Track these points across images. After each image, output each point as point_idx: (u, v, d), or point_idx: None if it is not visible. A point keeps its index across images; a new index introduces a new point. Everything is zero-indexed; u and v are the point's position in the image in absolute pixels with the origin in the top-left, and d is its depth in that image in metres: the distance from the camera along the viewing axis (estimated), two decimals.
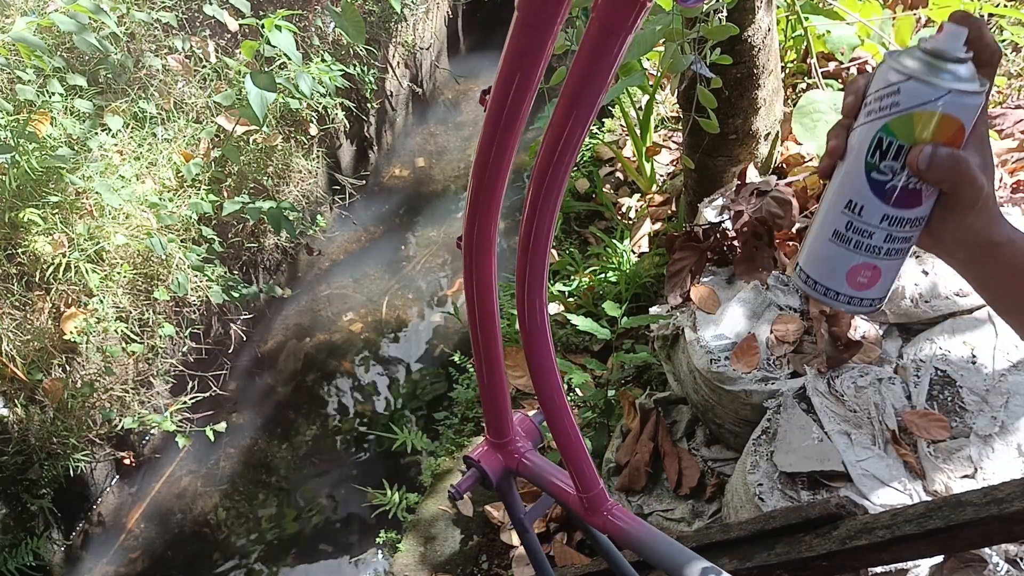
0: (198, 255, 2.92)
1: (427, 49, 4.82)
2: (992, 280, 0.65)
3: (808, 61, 2.76)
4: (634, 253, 2.92)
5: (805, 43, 2.68)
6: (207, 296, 2.98)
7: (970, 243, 0.61)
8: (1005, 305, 0.66)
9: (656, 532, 0.95)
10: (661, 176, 3.23)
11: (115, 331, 2.71)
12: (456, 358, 2.96)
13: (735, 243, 2.12)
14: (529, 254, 0.77)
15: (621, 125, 3.55)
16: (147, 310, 2.84)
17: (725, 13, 2.01)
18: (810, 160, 2.47)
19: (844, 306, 0.63)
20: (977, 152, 0.58)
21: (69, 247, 2.61)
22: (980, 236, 0.60)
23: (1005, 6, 2.88)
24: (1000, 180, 2.14)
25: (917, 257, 1.88)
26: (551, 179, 0.71)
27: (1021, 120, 2.40)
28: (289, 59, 2.85)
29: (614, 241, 2.93)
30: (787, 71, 2.93)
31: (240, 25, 3.21)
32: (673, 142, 3.36)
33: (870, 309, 0.64)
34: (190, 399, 2.98)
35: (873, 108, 0.57)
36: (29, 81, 2.64)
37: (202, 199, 2.98)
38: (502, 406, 1.02)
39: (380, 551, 2.62)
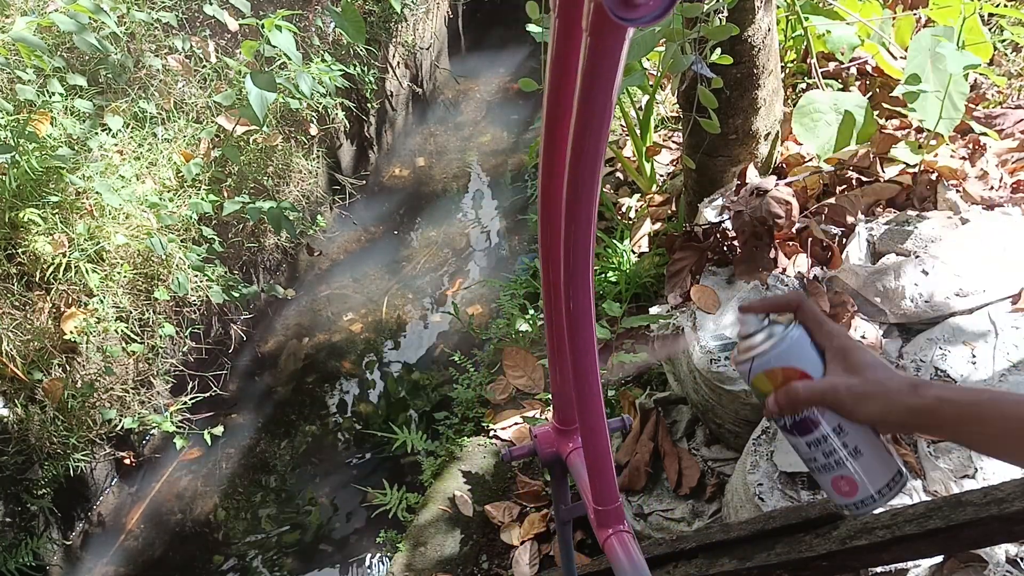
0: (198, 255, 2.92)
1: (427, 49, 4.82)
2: (954, 436, 0.68)
3: (808, 61, 2.76)
4: (634, 253, 2.92)
5: (805, 43, 2.69)
6: (207, 296, 2.98)
7: (899, 423, 0.68)
8: (987, 451, 0.68)
9: None
10: (661, 176, 3.23)
11: (115, 331, 2.71)
12: (456, 358, 2.96)
13: (735, 243, 2.12)
14: (573, 228, 0.75)
15: (621, 125, 3.55)
16: (147, 310, 2.84)
17: (725, 13, 2.01)
18: (810, 160, 2.47)
19: (856, 510, 0.74)
20: (839, 360, 0.70)
21: (69, 247, 2.61)
22: (898, 415, 0.67)
23: (1005, 6, 2.88)
24: (1000, 180, 2.14)
25: (917, 257, 1.88)
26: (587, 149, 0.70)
27: (1021, 120, 2.40)
28: (289, 59, 2.85)
29: (614, 241, 2.93)
30: (787, 71, 2.93)
31: (240, 25, 3.21)
32: (673, 142, 3.36)
33: (876, 504, 0.74)
34: (190, 399, 2.98)
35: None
36: (29, 81, 2.64)
37: (202, 199, 2.98)
38: (570, 395, 1.03)
39: (380, 551, 2.62)
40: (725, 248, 2.14)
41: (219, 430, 2.90)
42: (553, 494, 1.18)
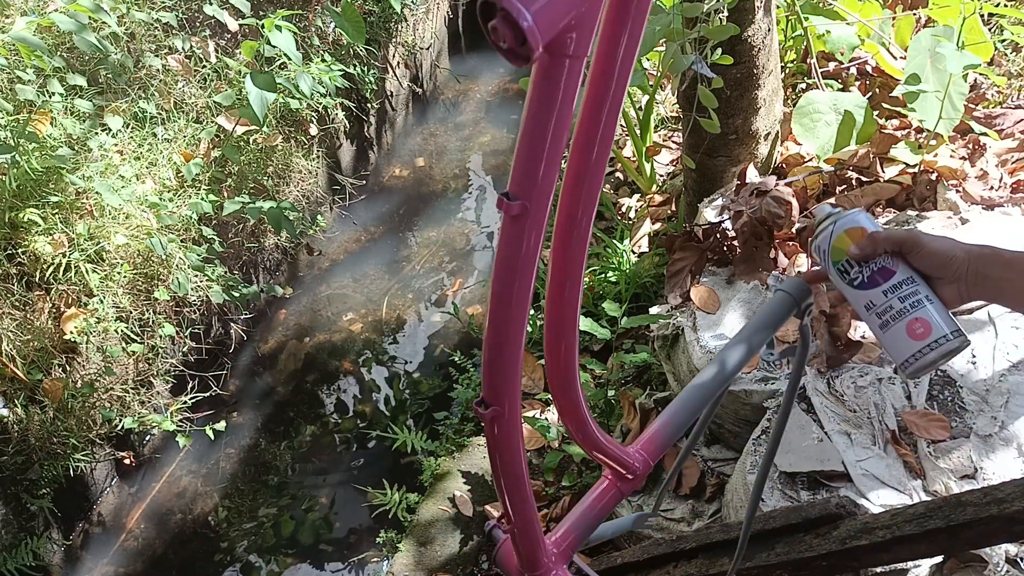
0: (198, 255, 2.92)
1: (427, 49, 4.82)
2: (1013, 283, 0.78)
3: (808, 61, 2.76)
4: (634, 253, 2.92)
5: (805, 43, 2.69)
6: (207, 296, 2.98)
7: (965, 259, 0.79)
8: None
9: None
10: (661, 176, 3.23)
11: (115, 331, 2.71)
12: (456, 358, 2.96)
13: (735, 243, 2.12)
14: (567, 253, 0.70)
15: (621, 125, 3.55)
16: (147, 310, 2.84)
17: (725, 13, 2.01)
18: (810, 160, 2.47)
19: (928, 352, 0.81)
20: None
21: (69, 247, 2.61)
22: (964, 253, 0.80)
23: (1005, 6, 2.88)
24: (1000, 180, 2.14)
25: None
26: (591, 170, 0.66)
27: (1021, 120, 2.40)
28: (289, 59, 2.85)
29: (614, 241, 2.93)
30: (787, 71, 2.93)
31: (240, 25, 3.21)
32: (673, 142, 3.36)
33: (947, 344, 0.81)
34: (190, 399, 2.98)
35: (823, 260, 0.89)
36: (29, 81, 2.64)
37: (202, 199, 2.98)
38: (537, 539, 0.91)
39: (380, 551, 2.62)
40: (725, 248, 2.14)
41: (221, 425, 2.90)
42: None
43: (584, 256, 0.71)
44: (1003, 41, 2.91)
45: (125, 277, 2.76)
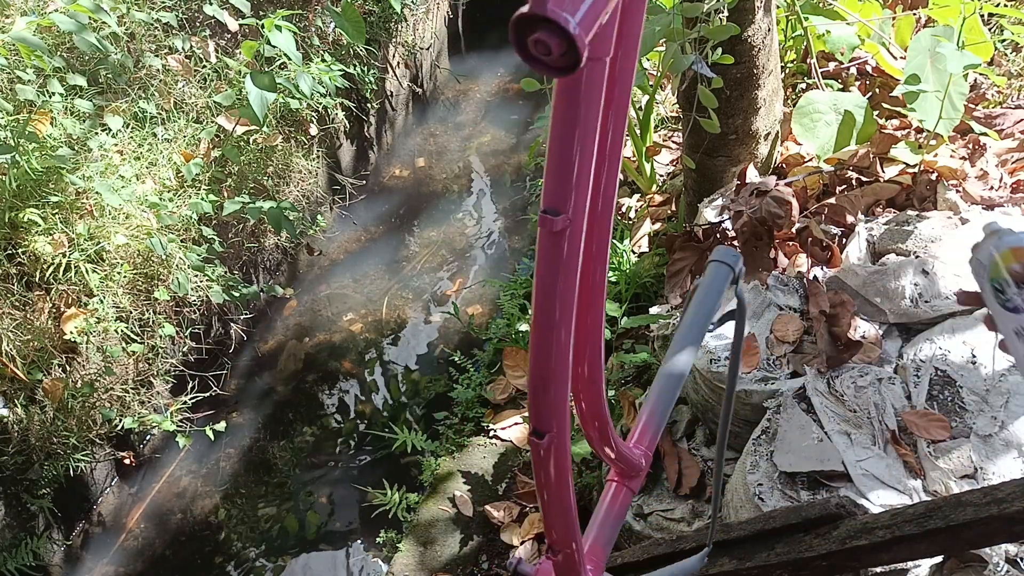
0: (198, 255, 2.92)
1: (427, 49, 4.82)
2: None
3: (808, 61, 2.76)
4: (634, 253, 2.92)
5: (805, 43, 2.69)
6: (207, 296, 2.98)
7: None
8: None
9: None
10: (661, 176, 3.23)
11: (115, 331, 2.71)
12: (456, 358, 2.96)
13: (735, 243, 2.12)
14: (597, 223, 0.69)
15: None
16: (147, 310, 2.84)
17: (725, 13, 2.01)
18: (810, 160, 2.47)
19: None
20: None
21: (69, 247, 2.61)
22: None
23: (1005, 6, 2.88)
24: (1000, 180, 2.14)
25: (917, 257, 1.88)
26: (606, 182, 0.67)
27: (1021, 120, 2.40)
28: (289, 59, 2.85)
29: (614, 241, 2.93)
30: (787, 71, 2.93)
31: (240, 25, 3.21)
32: (673, 142, 3.36)
33: None
34: (190, 399, 2.98)
35: (979, 276, 0.87)
36: (29, 81, 2.64)
37: (202, 199, 2.98)
38: (580, 563, 0.88)
39: (380, 551, 2.63)
40: None
41: (221, 426, 2.90)
42: None
43: (606, 260, 0.70)
44: (1003, 41, 2.91)
45: (125, 277, 2.76)
